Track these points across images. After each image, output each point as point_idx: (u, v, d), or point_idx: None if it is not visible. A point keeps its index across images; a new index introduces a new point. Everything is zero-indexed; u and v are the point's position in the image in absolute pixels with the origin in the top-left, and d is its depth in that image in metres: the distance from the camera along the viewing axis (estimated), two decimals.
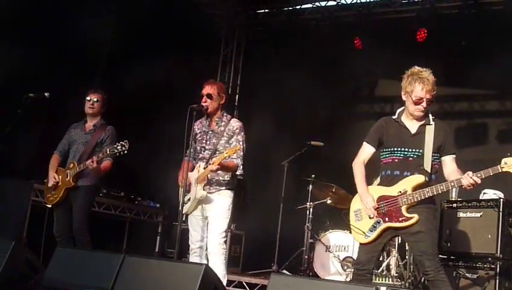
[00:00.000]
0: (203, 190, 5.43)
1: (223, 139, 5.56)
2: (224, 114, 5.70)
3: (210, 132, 5.63)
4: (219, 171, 5.46)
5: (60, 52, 7.79)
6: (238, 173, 5.58)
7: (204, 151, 5.61)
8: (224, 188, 5.54)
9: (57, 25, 7.75)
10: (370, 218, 4.65)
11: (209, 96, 5.55)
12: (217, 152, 5.48)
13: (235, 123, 5.66)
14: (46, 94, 6.02)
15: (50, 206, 6.20)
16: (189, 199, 5.45)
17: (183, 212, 5.43)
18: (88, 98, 6.33)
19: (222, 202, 5.50)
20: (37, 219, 6.65)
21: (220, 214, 5.47)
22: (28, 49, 7.04)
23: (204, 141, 5.63)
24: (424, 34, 9.16)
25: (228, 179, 5.56)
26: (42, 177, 6.66)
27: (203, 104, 5.54)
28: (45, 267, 4.86)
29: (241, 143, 5.54)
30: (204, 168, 5.43)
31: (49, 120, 7.42)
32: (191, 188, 5.47)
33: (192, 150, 5.62)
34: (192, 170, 5.55)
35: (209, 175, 5.44)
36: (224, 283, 5.28)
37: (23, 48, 6.96)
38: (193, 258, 5.56)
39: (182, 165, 5.56)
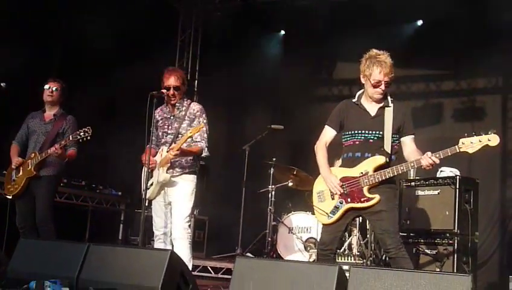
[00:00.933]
0: (166, 173, 5.42)
1: (184, 123, 5.55)
2: (184, 98, 5.67)
3: (171, 117, 5.61)
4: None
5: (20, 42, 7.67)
6: (203, 155, 5.58)
7: (166, 136, 5.59)
8: (187, 170, 5.52)
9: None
10: (332, 199, 4.72)
11: (177, 88, 5.52)
12: (179, 136, 5.46)
13: (196, 106, 5.65)
14: (2, 84, 5.90)
15: (11, 197, 6.09)
16: (152, 184, 5.44)
17: (147, 197, 5.42)
18: (47, 86, 6.22)
19: (185, 186, 5.49)
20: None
21: (183, 198, 5.46)
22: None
23: (166, 127, 5.61)
24: None
25: (191, 162, 5.55)
26: (2, 169, 6.57)
27: (171, 97, 5.50)
28: (9, 259, 4.82)
29: (204, 124, 5.52)
30: (167, 152, 5.40)
31: (4, 112, 7.28)
32: (154, 173, 5.46)
33: (154, 137, 5.60)
34: (155, 155, 5.54)
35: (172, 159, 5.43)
36: (190, 267, 5.30)
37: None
38: (158, 244, 5.56)
39: (145, 151, 5.54)
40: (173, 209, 5.50)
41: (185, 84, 5.63)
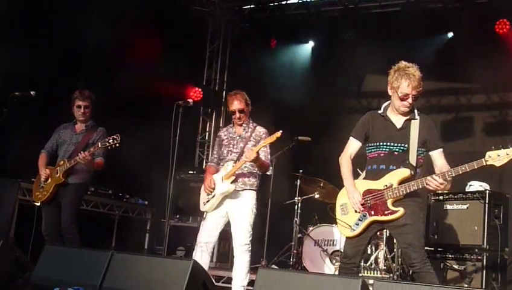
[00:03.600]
0: (231, 184, 5.59)
1: (249, 144, 5.78)
2: (250, 121, 5.92)
3: (237, 137, 5.85)
4: (245, 170, 5.67)
5: (49, 51, 7.78)
6: (268, 173, 5.92)
7: (231, 154, 5.81)
8: (248, 187, 5.72)
9: (46, 25, 7.76)
10: (356, 212, 4.69)
11: (241, 111, 5.78)
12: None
13: (261, 129, 5.91)
14: (32, 92, 6.02)
15: (38, 204, 6.20)
16: (213, 196, 5.62)
17: (203, 209, 5.64)
18: (77, 104, 6.32)
19: (247, 199, 5.71)
20: (26, 218, 6.64)
21: (245, 211, 5.68)
22: (16, 48, 7.04)
23: (231, 146, 5.84)
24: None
25: (253, 180, 5.77)
26: (29, 177, 6.67)
27: (237, 119, 5.78)
28: (34, 265, 4.88)
29: (267, 147, 5.76)
30: (233, 165, 5.60)
31: (36, 119, 7.41)
32: (216, 186, 5.63)
33: (216, 155, 5.90)
34: (217, 172, 5.75)
35: (237, 171, 5.60)
36: (246, 283, 5.46)
37: (11, 47, 6.94)
38: (198, 251, 5.69)
39: (206, 169, 5.79)
40: (236, 222, 5.70)
41: (248, 105, 5.88)
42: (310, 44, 10.85)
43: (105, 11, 8.25)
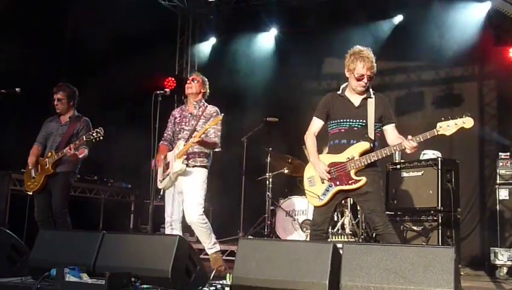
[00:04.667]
0: (182, 163, 5.52)
1: (201, 121, 5.73)
2: (202, 101, 5.87)
3: (189, 115, 5.79)
4: (196, 149, 5.60)
5: (34, 48, 7.67)
6: (217, 150, 5.77)
7: (183, 132, 5.74)
8: (199, 164, 5.66)
9: (32, 22, 7.66)
10: (322, 183, 4.77)
11: (194, 80, 5.81)
12: (196, 132, 5.62)
13: (212, 108, 5.85)
14: (17, 89, 5.93)
15: (31, 193, 6.18)
16: (167, 175, 5.53)
17: (161, 186, 5.52)
18: (54, 97, 6.28)
19: (198, 176, 5.63)
20: (18, 206, 6.61)
21: (196, 186, 5.58)
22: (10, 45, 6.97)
23: (183, 123, 5.78)
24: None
25: (204, 157, 5.72)
26: (20, 168, 6.62)
27: (189, 85, 5.78)
28: (30, 249, 4.87)
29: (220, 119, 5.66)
30: (184, 145, 5.53)
31: (23, 113, 7.33)
32: (170, 165, 5.55)
33: (170, 132, 5.83)
34: (171, 150, 5.66)
35: (189, 149, 5.55)
36: (217, 249, 5.44)
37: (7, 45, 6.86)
38: (168, 230, 5.64)
39: (158, 149, 5.65)
40: (186, 196, 5.59)
41: (202, 86, 5.90)
42: (273, 32, 10.84)
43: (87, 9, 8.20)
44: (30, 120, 7.03)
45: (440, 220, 6.61)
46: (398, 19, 9.62)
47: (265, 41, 10.87)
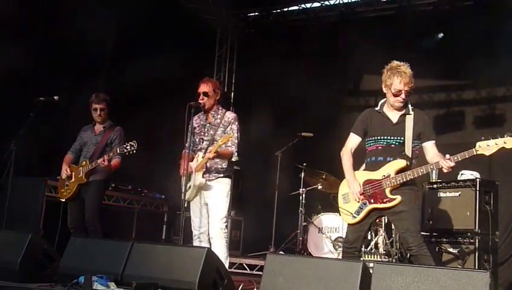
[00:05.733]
0: (202, 177, 5.46)
1: (219, 130, 5.59)
2: (220, 108, 5.72)
3: (207, 125, 5.65)
4: (216, 160, 5.50)
5: (63, 52, 7.76)
6: (233, 159, 5.62)
7: (202, 142, 5.63)
8: (222, 175, 5.56)
9: (59, 25, 7.72)
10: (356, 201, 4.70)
11: (206, 94, 5.57)
12: (215, 142, 5.50)
13: (230, 114, 5.70)
14: (55, 98, 6.06)
15: (64, 200, 6.24)
16: (189, 187, 5.48)
17: (186, 198, 5.46)
18: (94, 107, 6.31)
19: (221, 188, 5.53)
20: (52, 212, 6.67)
21: (219, 200, 5.49)
22: (31, 49, 7.02)
23: (202, 134, 5.65)
24: None
25: (225, 167, 5.59)
26: (55, 175, 6.70)
27: (200, 101, 5.56)
28: (61, 256, 4.90)
29: (234, 132, 5.55)
30: (202, 157, 5.45)
31: (58, 120, 7.42)
32: (191, 177, 5.49)
33: (191, 143, 5.65)
34: (192, 160, 5.58)
35: (208, 163, 5.47)
36: (227, 265, 5.34)
37: (25, 49, 6.91)
38: (196, 243, 5.59)
39: (182, 156, 5.60)
40: (210, 211, 5.52)
41: (216, 91, 5.66)
42: (311, 49, 10.77)
43: (121, 13, 8.27)
44: (64, 128, 7.13)
45: (477, 244, 6.42)
46: (439, 35, 9.46)
47: (302, 59, 10.81)
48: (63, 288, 4.37)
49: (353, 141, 4.87)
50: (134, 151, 5.84)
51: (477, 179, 6.61)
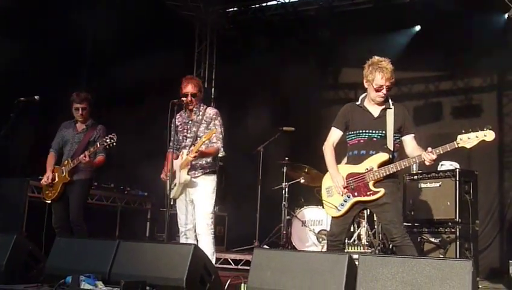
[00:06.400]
0: (187, 174, 5.46)
1: (202, 126, 5.59)
2: (201, 104, 5.71)
3: (190, 122, 5.65)
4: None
5: (43, 51, 7.69)
6: (220, 155, 5.64)
7: (186, 139, 5.63)
8: (207, 171, 5.56)
9: (39, 24, 7.66)
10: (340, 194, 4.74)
11: (194, 95, 5.57)
12: (198, 138, 5.50)
13: (211, 110, 5.70)
14: (36, 97, 5.96)
15: (49, 201, 6.20)
16: (175, 185, 5.48)
17: (171, 196, 5.46)
18: (75, 107, 6.25)
19: (206, 185, 5.53)
20: (36, 213, 6.63)
21: (205, 196, 5.50)
22: (11, 49, 6.96)
23: (185, 131, 5.65)
24: None
25: (211, 163, 5.60)
26: (37, 175, 6.65)
27: (189, 103, 5.55)
28: (47, 257, 4.88)
29: (218, 127, 5.57)
30: (186, 155, 5.44)
31: (38, 119, 7.36)
32: (176, 174, 5.49)
33: (175, 142, 5.64)
34: (177, 158, 5.58)
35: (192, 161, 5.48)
36: (214, 261, 5.36)
37: (5, 48, 6.87)
38: (182, 240, 5.60)
39: (166, 157, 5.60)
40: (196, 208, 5.53)
41: (201, 91, 5.69)
42: (291, 42, 10.80)
43: (102, 12, 8.22)
44: (45, 126, 7.06)
45: (458, 233, 6.50)
46: (416, 28, 9.56)
47: (283, 52, 10.85)
48: (50, 289, 4.36)
49: (335, 134, 4.91)
50: (114, 144, 5.81)
51: (457, 170, 6.68)
